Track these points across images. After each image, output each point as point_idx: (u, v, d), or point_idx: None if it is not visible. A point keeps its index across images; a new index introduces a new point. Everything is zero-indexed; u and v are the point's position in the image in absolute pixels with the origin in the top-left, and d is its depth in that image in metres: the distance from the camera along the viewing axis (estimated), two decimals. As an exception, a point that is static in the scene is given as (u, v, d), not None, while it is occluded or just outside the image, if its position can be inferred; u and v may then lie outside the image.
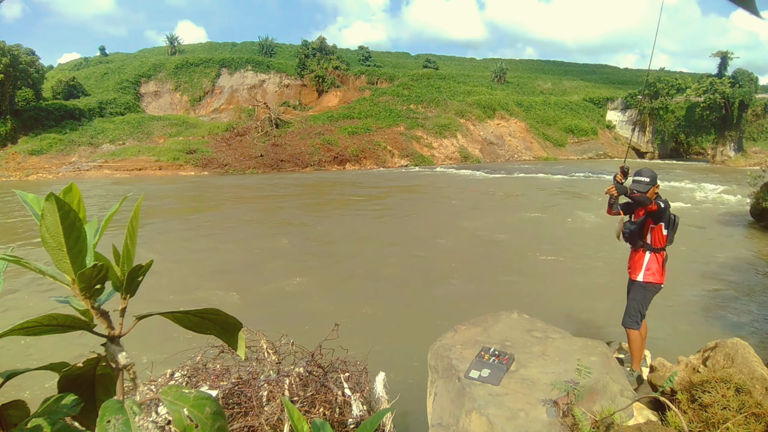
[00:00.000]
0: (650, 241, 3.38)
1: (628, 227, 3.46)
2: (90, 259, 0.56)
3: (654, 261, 3.35)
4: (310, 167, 28.47)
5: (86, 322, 0.57)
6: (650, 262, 3.35)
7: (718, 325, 5.41)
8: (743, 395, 2.15)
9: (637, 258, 3.43)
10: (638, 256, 3.42)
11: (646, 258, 3.36)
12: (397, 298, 6.36)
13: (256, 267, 7.93)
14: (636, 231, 3.40)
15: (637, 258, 3.42)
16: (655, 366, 3.06)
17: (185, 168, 27.30)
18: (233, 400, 2.19)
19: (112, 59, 55.47)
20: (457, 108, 40.48)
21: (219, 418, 0.53)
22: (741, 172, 24.91)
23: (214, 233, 10.70)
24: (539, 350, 2.87)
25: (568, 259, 8.26)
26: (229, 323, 0.69)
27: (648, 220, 3.36)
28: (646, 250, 3.36)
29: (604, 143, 44.80)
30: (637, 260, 3.42)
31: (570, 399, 2.33)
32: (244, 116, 36.37)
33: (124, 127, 32.59)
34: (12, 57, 29.18)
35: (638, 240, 3.40)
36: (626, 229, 3.47)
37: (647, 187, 3.20)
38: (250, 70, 47.95)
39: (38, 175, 25.99)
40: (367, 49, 62.42)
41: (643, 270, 3.35)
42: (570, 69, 68.49)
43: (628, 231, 3.45)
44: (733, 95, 37.16)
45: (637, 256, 3.43)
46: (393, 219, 12.61)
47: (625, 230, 3.48)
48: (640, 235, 3.40)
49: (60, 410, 0.55)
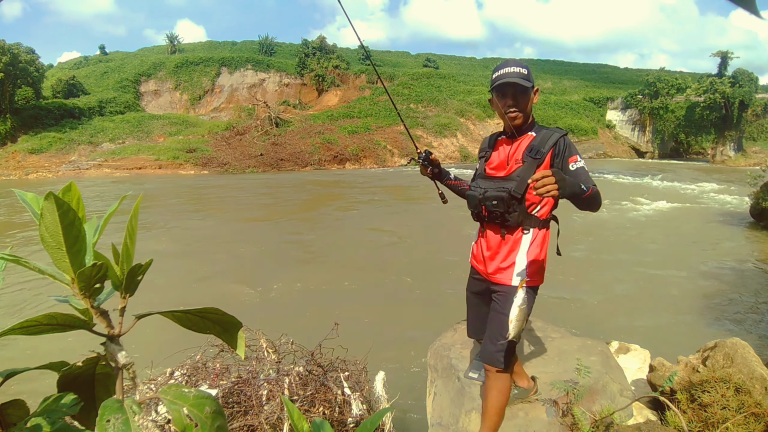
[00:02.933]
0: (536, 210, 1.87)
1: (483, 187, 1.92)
2: (89, 258, 0.56)
3: (539, 245, 1.90)
4: (310, 166, 28.46)
5: (86, 322, 0.57)
6: (533, 248, 1.88)
7: (718, 325, 5.41)
8: (743, 395, 2.15)
9: (504, 243, 1.91)
10: (507, 240, 1.90)
11: (524, 242, 1.88)
12: (397, 297, 6.37)
13: (255, 266, 7.93)
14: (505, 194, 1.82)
15: (506, 243, 1.90)
16: (654, 366, 3.06)
17: (185, 167, 27.28)
18: (233, 399, 2.19)
19: (111, 58, 55.41)
20: (457, 107, 40.48)
21: (219, 417, 0.53)
22: (741, 172, 24.90)
23: (213, 233, 10.70)
24: (539, 350, 2.88)
25: (568, 259, 8.26)
26: (228, 322, 0.69)
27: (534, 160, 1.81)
28: (528, 226, 1.87)
29: (603, 143, 44.79)
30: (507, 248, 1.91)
31: (569, 398, 2.33)
32: (244, 115, 36.35)
33: (124, 126, 32.56)
34: (12, 56, 29.16)
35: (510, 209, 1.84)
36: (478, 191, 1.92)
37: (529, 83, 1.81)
38: (250, 69, 47.90)
39: (38, 174, 25.98)
40: (367, 48, 62.34)
41: (522, 263, 1.88)
42: (570, 68, 68.47)
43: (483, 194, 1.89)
44: (733, 95, 37.16)
45: (504, 241, 1.90)
46: (393, 218, 12.61)
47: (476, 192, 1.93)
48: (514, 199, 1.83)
49: (59, 409, 0.55)
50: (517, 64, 1.84)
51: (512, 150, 1.89)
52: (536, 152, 1.81)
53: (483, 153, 2.07)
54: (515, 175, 1.84)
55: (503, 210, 1.84)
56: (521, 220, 1.86)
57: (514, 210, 1.84)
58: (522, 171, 1.83)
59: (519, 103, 1.82)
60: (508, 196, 1.81)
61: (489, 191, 1.87)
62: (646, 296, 6.33)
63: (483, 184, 1.94)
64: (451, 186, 2.34)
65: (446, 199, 2.27)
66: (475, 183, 2.01)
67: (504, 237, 1.90)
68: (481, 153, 2.09)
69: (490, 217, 1.90)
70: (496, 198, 1.84)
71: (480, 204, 1.91)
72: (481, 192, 1.90)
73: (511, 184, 1.83)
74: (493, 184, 1.90)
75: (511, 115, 1.83)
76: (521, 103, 1.83)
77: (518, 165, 1.85)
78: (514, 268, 1.89)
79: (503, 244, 1.92)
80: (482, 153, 2.08)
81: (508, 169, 1.88)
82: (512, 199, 1.82)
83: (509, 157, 1.89)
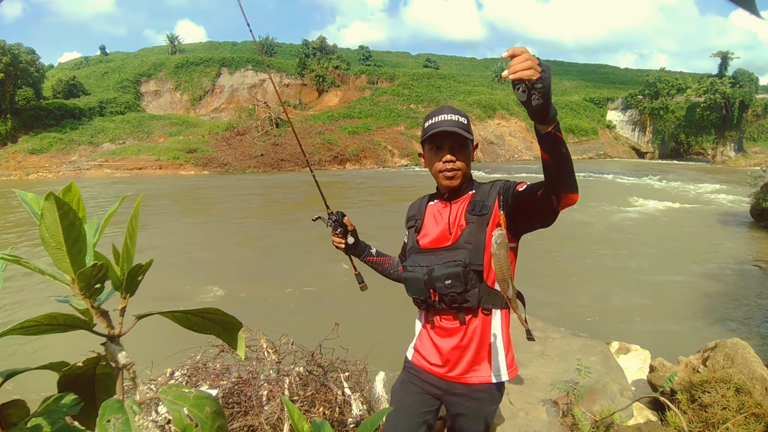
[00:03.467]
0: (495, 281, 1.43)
1: (424, 264, 1.49)
2: (89, 258, 0.56)
3: (507, 324, 1.51)
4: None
5: (86, 322, 0.57)
6: (505, 330, 1.50)
7: (718, 325, 5.41)
8: (743, 395, 2.15)
9: (468, 331, 1.47)
10: (471, 327, 1.46)
11: (495, 324, 1.48)
12: (397, 297, 6.36)
13: (255, 266, 7.93)
14: (459, 268, 1.41)
15: (471, 331, 1.46)
16: (655, 366, 3.06)
17: (185, 167, 27.32)
18: (233, 399, 2.20)
19: (112, 58, 55.52)
20: (457, 107, 40.47)
21: (219, 417, 0.53)
22: (741, 172, 24.91)
23: (213, 233, 10.70)
24: (539, 350, 2.88)
25: (567, 259, 8.27)
26: (228, 323, 0.69)
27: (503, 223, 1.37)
28: (490, 306, 1.46)
29: (604, 143, 44.83)
30: (476, 336, 1.46)
31: (570, 399, 2.33)
32: (244, 115, 36.43)
33: (124, 127, 32.62)
34: (12, 56, 29.22)
35: (469, 286, 1.42)
36: (420, 270, 1.49)
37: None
38: (250, 69, 47.98)
39: (38, 174, 26.01)
40: (368, 49, 62.44)
41: (499, 351, 1.47)
42: (570, 69, 68.54)
43: (428, 273, 1.46)
44: (734, 95, 37.22)
45: (467, 328, 1.47)
46: (392, 218, 12.61)
47: (416, 273, 1.50)
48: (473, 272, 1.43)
49: (60, 410, 0.55)
50: (454, 111, 1.51)
51: (452, 214, 1.51)
52: (480, 207, 1.45)
53: (413, 222, 1.65)
54: (463, 242, 1.44)
55: (461, 290, 1.41)
56: (482, 298, 1.44)
57: (474, 286, 1.42)
58: (471, 234, 1.44)
59: (459, 157, 1.48)
60: (465, 270, 1.41)
61: (436, 269, 1.44)
62: (646, 297, 6.33)
63: (423, 260, 1.51)
64: (374, 264, 1.87)
65: (365, 283, 1.86)
66: (411, 261, 1.55)
67: (465, 323, 1.46)
68: (410, 222, 1.67)
69: (444, 301, 1.45)
70: (449, 275, 1.41)
71: (427, 287, 1.47)
72: (424, 271, 1.47)
73: (462, 254, 1.43)
74: (437, 258, 1.47)
75: (448, 174, 1.48)
76: (461, 157, 1.48)
77: (463, 229, 1.46)
78: (490, 361, 1.46)
79: (467, 333, 1.46)
80: (411, 222, 1.66)
81: (452, 237, 1.48)
82: (470, 273, 1.42)
83: (451, 222, 1.50)
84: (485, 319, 1.46)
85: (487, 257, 1.41)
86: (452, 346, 1.48)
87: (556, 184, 1.21)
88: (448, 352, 1.49)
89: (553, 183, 1.22)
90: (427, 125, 1.50)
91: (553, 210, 1.28)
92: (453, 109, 1.52)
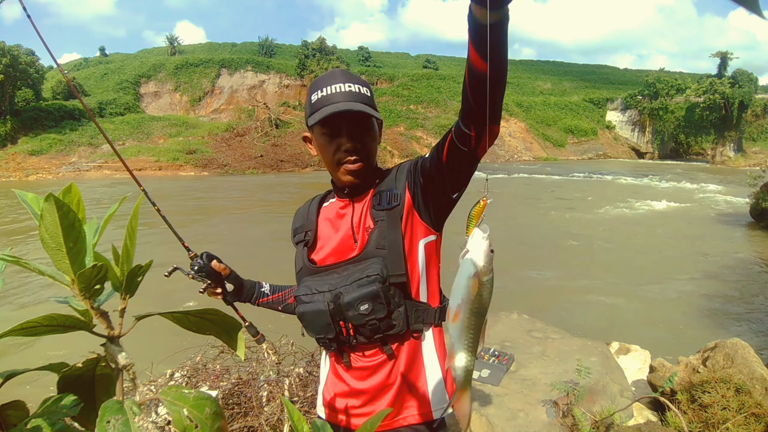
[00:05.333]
0: (423, 293, 1.13)
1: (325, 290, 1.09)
2: (89, 259, 0.57)
3: (441, 346, 1.15)
4: (310, 167, 28.50)
5: (86, 323, 0.57)
6: (440, 351, 1.14)
7: (718, 325, 5.41)
8: (743, 395, 2.15)
9: (397, 363, 1.10)
10: (400, 356, 1.10)
11: (426, 347, 1.13)
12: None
13: (255, 266, 7.92)
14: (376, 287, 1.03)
15: (400, 362, 1.10)
16: (655, 366, 3.06)
17: (185, 168, 27.33)
18: (233, 400, 2.20)
19: (111, 59, 55.58)
20: (457, 108, 40.03)
21: (219, 418, 0.53)
22: (741, 172, 24.93)
23: (213, 233, 10.70)
24: (539, 350, 2.87)
25: (567, 259, 8.26)
26: (228, 323, 0.69)
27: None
28: (420, 324, 1.11)
29: (603, 143, 44.85)
30: (412, 367, 1.11)
31: (570, 399, 2.33)
32: (244, 116, 36.43)
33: (124, 128, 32.62)
34: (12, 57, 29.23)
35: (391, 306, 1.05)
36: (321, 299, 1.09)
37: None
38: (249, 70, 47.99)
39: (38, 176, 26.01)
40: (367, 50, 62.51)
41: (436, 380, 1.12)
42: (569, 69, 68.61)
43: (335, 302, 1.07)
44: (733, 95, 37.28)
45: (395, 359, 1.10)
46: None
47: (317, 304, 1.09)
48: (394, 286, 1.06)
49: (59, 411, 0.55)
50: (351, 78, 1.09)
51: (355, 215, 1.13)
52: (388, 198, 1.09)
53: (301, 235, 1.23)
54: (374, 248, 1.06)
55: (383, 314, 1.03)
56: (410, 318, 1.07)
57: (399, 304, 1.05)
58: (382, 236, 1.06)
59: (363, 143, 1.09)
60: (384, 287, 1.03)
61: (344, 292, 1.05)
62: (646, 297, 6.33)
63: (322, 284, 1.10)
64: (272, 304, 1.44)
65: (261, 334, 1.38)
66: (305, 288, 1.13)
67: (393, 354, 1.09)
68: (297, 235, 1.25)
69: (363, 334, 1.06)
70: (365, 298, 1.02)
71: (335, 320, 1.07)
72: (328, 299, 1.07)
73: (376, 265, 1.04)
74: (343, 278, 1.07)
75: (350, 166, 1.08)
76: (366, 142, 1.10)
77: (371, 230, 1.08)
78: (427, 393, 1.11)
79: (396, 366, 1.09)
80: (300, 235, 1.24)
81: (359, 245, 1.09)
82: (391, 289, 1.04)
83: (354, 225, 1.12)
84: (416, 343, 1.10)
85: (410, 262, 1.07)
86: (375, 386, 1.10)
87: (481, 106, 0.82)
88: (372, 395, 1.11)
89: (477, 106, 0.86)
90: (315, 100, 1.07)
91: (470, 154, 0.93)
92: (349, 75, 1.10)
